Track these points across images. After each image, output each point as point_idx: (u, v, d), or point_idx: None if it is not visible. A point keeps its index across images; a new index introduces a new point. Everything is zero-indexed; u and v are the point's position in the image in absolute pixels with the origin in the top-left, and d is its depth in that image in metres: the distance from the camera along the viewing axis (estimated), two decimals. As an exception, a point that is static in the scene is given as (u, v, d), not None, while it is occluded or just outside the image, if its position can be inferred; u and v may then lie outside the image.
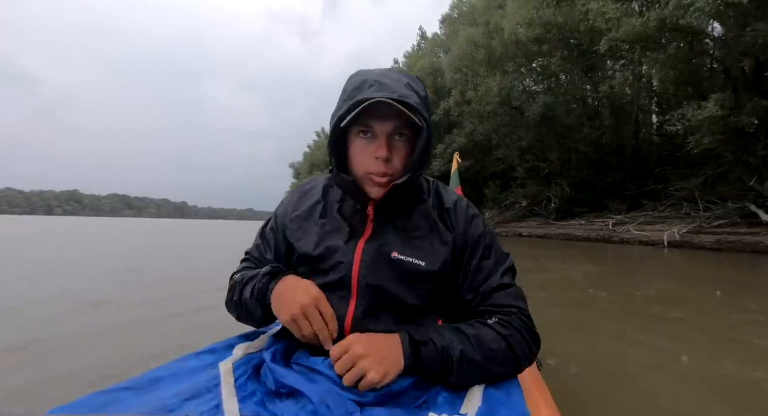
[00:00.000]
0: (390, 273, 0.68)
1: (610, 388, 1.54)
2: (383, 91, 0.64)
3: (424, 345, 0.61)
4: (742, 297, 3.44)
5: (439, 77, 20.12)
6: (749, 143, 8.10)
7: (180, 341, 1.95)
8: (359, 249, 0.70)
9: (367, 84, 0.66)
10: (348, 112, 0.64)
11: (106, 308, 2.78)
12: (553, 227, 14.70)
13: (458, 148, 18.41)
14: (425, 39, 29.69)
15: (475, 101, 15.48)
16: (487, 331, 0.65)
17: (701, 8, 6.28)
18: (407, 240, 0.71)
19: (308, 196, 0.81)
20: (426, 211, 0.74)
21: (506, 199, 18.49)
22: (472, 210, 0.78)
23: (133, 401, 0.57)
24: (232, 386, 0.62)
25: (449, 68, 16.86)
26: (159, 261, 6.17)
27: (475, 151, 19.31)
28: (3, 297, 3.04)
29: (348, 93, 0.68)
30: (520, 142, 15.84)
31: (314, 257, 0.71)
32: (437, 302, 0.72)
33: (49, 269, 4.61)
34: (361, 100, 0.62)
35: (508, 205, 18.49)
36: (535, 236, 14.38)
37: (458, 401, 0.60)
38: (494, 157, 18.34)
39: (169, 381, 0.64)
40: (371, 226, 0.72)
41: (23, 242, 9.09)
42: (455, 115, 18.25)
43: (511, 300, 0.71)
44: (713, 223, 9.62)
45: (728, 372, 1.71)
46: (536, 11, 10.64)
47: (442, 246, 0.71)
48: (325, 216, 0.76)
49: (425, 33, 30.54)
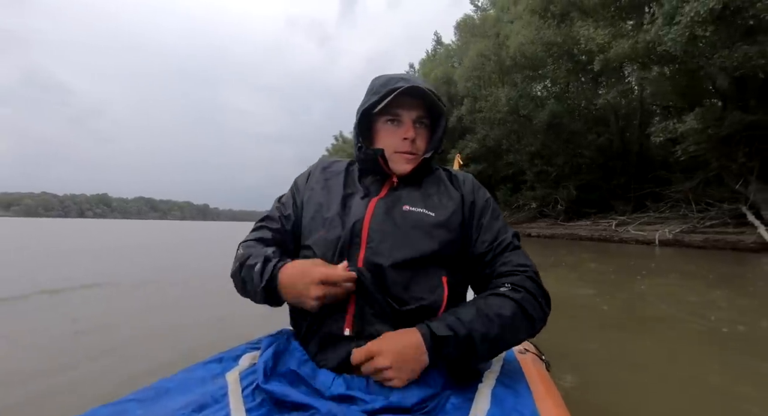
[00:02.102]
0: (401, 222, 0.74)
1: (621, 390, 1.51)
2: (410, 83, 0.76)
3: (446, 341, 0.62)
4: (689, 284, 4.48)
5: (453, 86, 21.15)
6: (731, 151, 8.94)
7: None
8: (372, 203, 0.78)
9: (394, 80, 0.79)
10: (381, 99, 0.77)
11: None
12: (560, 228, 15.53)
13: (471, 153, 19.49)
14: (441, 44, 30.66)
15: (486, 110, 16.51)
16: (502, 302, 0.68)
17: (674, 38, 7.29)
18: (419, 198, 0.80)
19: (331, 169, 0.90)
20: (437, 178, 0.85)
21: (517, 201, 19.43)
22: (479, 184, 0.87)
23: (140, 413, 0.58)
24: (239, 396, 0.62)
25: (461, 79, 17.93)
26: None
27: (487, 156, 20.20)
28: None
29: (376, 88, 0.81)
30: (529, 147, 16.75)
31: (330, 213, 0.78)
32: (444, 257, 0.74)
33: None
34: (393, 89, 0.75)
35: (519, 207, 19.45)
36: (543, 236, 15.22)
37: (466, 405, 0.60)
38: (505, 161, 19.20)
39: (177, 392, 0.65)
40: (387, 189, 0.82)
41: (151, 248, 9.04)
42: (467, 121, 19.28)
43: (522, 259, 0.76)
44: (706, 224, 10.39)
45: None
46: (537, 32, 11.69)
47: (450, 201, 0.80)
48: (347, 184, 0.85)
49: (440, 38, 31.53)
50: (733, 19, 6.94)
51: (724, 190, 10.70)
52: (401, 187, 0.82)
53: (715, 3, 6.62)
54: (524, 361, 0.79)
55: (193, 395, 0.63)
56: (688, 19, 6.94)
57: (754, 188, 8.99)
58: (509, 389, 0.65)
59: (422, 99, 0.81)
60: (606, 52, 9.28)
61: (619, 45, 9.13)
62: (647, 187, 13.16)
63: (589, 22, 10.47)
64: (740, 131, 8.42)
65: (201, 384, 0.67)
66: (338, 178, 0.86)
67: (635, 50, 9.03)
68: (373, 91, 0.81)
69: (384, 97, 0.76)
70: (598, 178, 15.58)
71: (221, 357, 0.77)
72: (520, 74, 15.26)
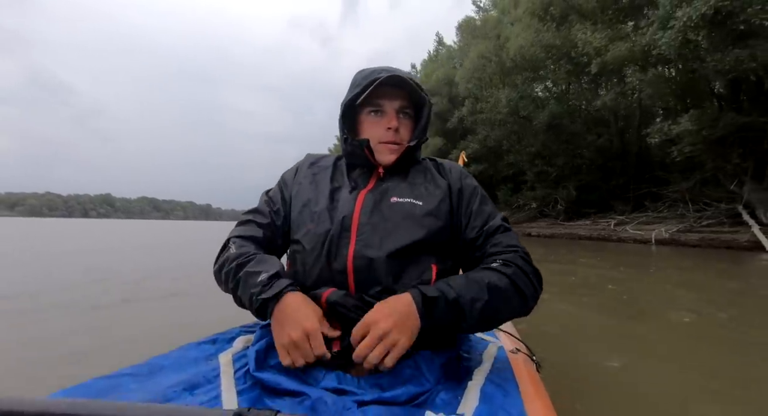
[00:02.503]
0: (390, 214, 0.76)
1: (608, 388, 1.54)
2: (392, 73, 0.78)
3: (435, 301, 0.64)
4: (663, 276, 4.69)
5: (454, 87, 21.33)
6: (726, 152, 9.13)
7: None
8: (361, 196, 0.79)
9: (376, 72, 0.80)
10: (363, 90, 0.77)
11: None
12: (560, 227, 15.69)
13: (472, 153, 19.67)
14: (443, 45, 30.81)
15: (486, 111, 16.73)
16: (491, 274, 0.69)
17: (668, 43, 7.50)
18: (406, 188, 0.81)
19: (318, 164, 0.91)
20: (423, 168, 0.87)
21: (517, 201, 19.62)
22: (466, 172, 0.88)
23: (134, 387, 0.59)
24: (231, 378, 0.63)
25: (462, 80, 18.16)
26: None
27: (488, 156, 20.36)
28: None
29: (358, 80, 0.82)
30: (529, 147, 16.95)
31: (319, 207, 0.79)
32: (434, 244, 0.75)
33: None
34: (374, 80, 0.76)
35: (520, 207, 19.64)
36: (543, 236, 15.40)
37: (456, 401, 0.61)
38: (506, 161, 19.37)
39: (170, 369, 0.66)
40: (374, 181, 0.83)
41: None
42: (468, 123, 19.50)
43: (512, 241, 0.77)
44: (703, 223, 10.58)
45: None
46: (536, 34, 11.92)
47: (437, 189, 0.81)
48: (334, 178, 0.86)
49: (442, 39, 31.68)
50: (725, 24, 7.13)
51: (722, 190, 10.86)
52: (388, 178, 0.83)
53: (706, 8, 6.83)
54: (515, 361, 0.80)
55: (186, 374, 0.64)
56: (681, 23, 7.16)
57: (749, 188, 9.17)
58: (498, 387, 0.65)
59: (404, 89, 0.82)
60: (603, 55, 9.49)
61: (616, 48, 9.33)
62: (644, 187, 13.36)
63: (587, 25, 10.68)
64: (734, 132, 8.62)
65: (194, 363, 0.69)
66: (326, 173, 0.87)
67: (632, 53, 9.24)
68: (356, 84, 0.82)
69: (366, 87, 0.77)
70: (597, 179, 15.77)
71: (215, 338, 0.80)
72: (521, 75, 15.47)
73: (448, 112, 21.77)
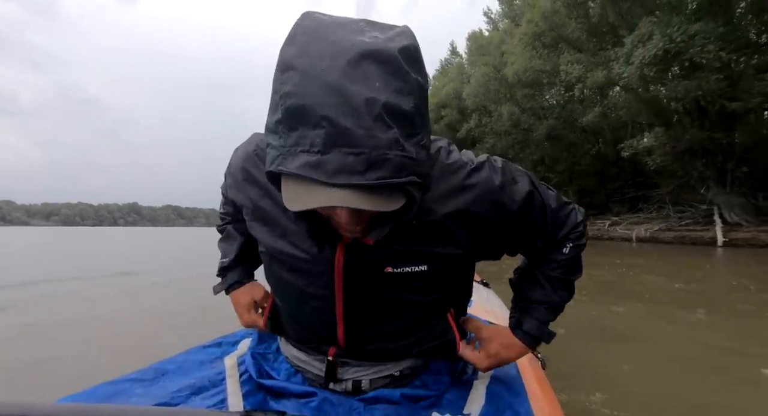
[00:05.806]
0: (386, 291, 0.57)
1: (611, 384, 1.54)
2: (337, 148, 0.36)
3: (544, 338, 0.66)
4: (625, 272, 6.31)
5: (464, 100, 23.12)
6: (692, 162, 10.69)
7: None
8: (339, 259, 0.54)
9: (311, 120, 0.37)
10: (275, 179, 0.43)
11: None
12: (561, 228, 17.20)
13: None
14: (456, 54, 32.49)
15: (491, 124, 18.52)
16: (560, 292, 0.67)
17: (629, 76, 9.23)
18: (403, 249, 0.55)
19: (256, 177, 0.61)
20: (425, 210, 0.54)
21: (522, 205, 21.16)
22: (498, 182, 0.57)
23: (140, 392, 0.59)
24: (237, 381, 0.63)
25: (469, 96, 20.03)
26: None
27: (495, 164, 22.03)
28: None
29: (282, 99, 0.39)
30: (532, 156, 18.63)
31: (281, 255, 0.58)
32: (447, 294, 0.64)
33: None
34: (294, 174, 0.38)
35: (525, 210, 21.16)
36: (545, 236, 16.93)
37: (462, 401, 0.60)
38: (512, 168, 20.99)
39: (176, 374, 0.66)
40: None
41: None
42: (476, 133, 21.30)
43: (572, 218, 0.66)
44: (682, 223, 12.05)
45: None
46: (529, 61, 13.71)
47: (450, 246, 0.57)
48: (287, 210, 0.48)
49: (456, 48, 33.34)
50: (673, 62, 8.82)
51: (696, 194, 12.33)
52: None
53: (657, 50, 8.54)
54: (520, 359, 0.73)
55: (192, 378, 0.64)
56: (638, 61, 8.87)
57: (713, 192, 10.67)
58: (504, 386, 0.64)
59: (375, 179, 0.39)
60: (584, 81, 11.22)
61: (594, 76, 11.07)
62: (630, 191, 14.90)
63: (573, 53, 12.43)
64: (695, 145, 10.19)
65: (200, 367, 0.69)
66: (272, 197, 0.58)
67: (609, 79, 10.95)
68: (277, 99, 0.40)
69: (280, 178, 0.42)
70: (596, 183, 17.32)
71: (220, 342, 0.81)
72: (521, 92, 17.25)
73: (458, 122, 23.56)
